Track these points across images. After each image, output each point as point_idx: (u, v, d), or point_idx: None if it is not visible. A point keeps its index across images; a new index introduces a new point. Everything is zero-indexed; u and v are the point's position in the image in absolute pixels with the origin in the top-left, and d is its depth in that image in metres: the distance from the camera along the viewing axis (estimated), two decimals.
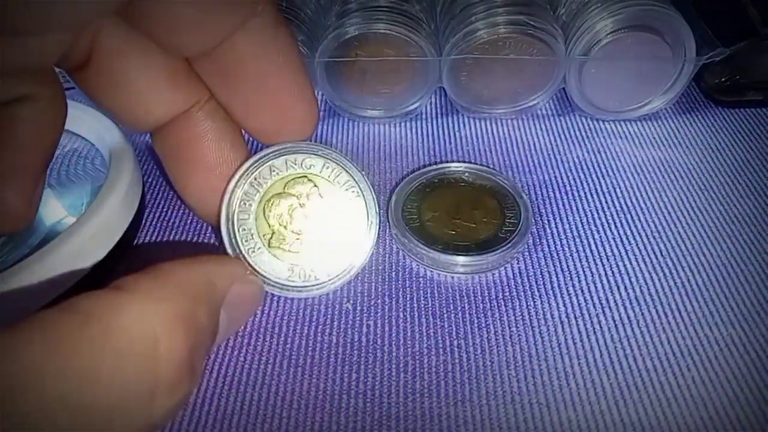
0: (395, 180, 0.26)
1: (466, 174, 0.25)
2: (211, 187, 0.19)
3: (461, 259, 0.22)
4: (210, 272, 0.15)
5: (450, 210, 0.23)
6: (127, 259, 0.22)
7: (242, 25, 0.17)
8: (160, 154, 0.20)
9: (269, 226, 0.19)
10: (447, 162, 0.26)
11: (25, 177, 0.18)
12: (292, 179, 0.20)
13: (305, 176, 0.20)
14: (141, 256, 0.23)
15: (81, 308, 0.12)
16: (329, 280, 0.20)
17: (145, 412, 0.12)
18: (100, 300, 0.12)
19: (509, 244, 0.22)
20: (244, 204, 0.19)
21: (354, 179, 0.20)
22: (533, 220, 0.24)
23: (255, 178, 0.19)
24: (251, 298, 0.18)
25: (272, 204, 0.20)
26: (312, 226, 0.20)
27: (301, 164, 0.20)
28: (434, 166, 0.25)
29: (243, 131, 0.20)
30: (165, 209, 0.25)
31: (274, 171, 0.19)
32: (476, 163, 0.26)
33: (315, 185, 0.20)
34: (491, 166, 0.26)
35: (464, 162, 0.26)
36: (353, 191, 0.20)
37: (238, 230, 0.19)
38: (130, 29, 0.17)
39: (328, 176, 0.20)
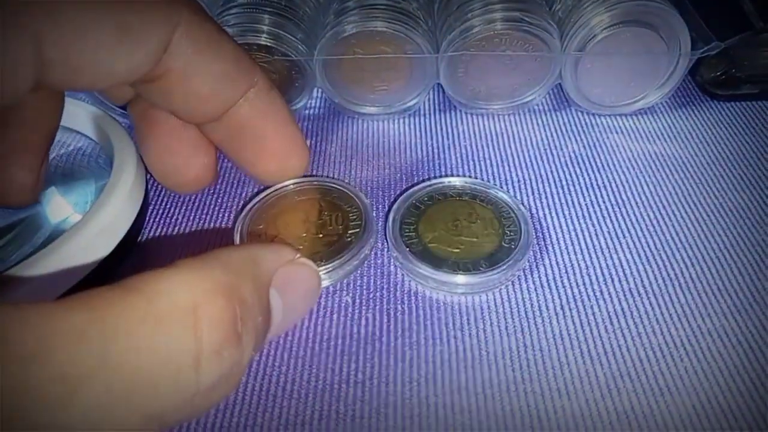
0: (395, 177, 0.26)
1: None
2: (170, 147, 0.21)
3: (462, 279, 0.21)
4: (254, 253, 0.15)
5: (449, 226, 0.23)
6: (133, 255, 0.22)
7: (243, 95, 0.20)
8: (131, 117, 0.22)
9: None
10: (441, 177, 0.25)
11: (31, 155, 0.20)
12: None
13: None
14: (146, 251, 0.23)
15: (124, 283, 0.12)
16: None
17: (191, 378, 0.12)
18: (142, 275, 0.12)
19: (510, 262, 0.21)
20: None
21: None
22: (534, 234, 0.23)
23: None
24: (305, 282, 0.17)
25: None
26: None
27: None
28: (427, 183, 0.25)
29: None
30: (168, 205, 0.25)
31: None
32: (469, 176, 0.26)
33: None
34: (484, 179, 0.27)
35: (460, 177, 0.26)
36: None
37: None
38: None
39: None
